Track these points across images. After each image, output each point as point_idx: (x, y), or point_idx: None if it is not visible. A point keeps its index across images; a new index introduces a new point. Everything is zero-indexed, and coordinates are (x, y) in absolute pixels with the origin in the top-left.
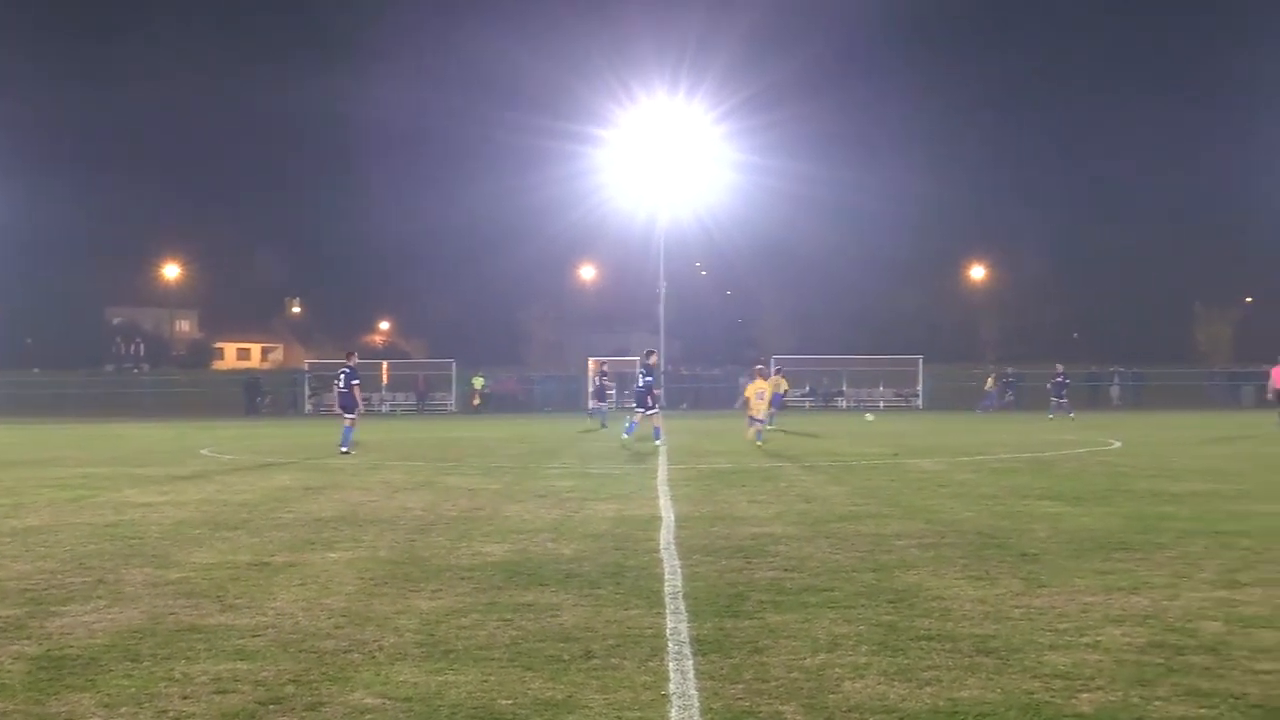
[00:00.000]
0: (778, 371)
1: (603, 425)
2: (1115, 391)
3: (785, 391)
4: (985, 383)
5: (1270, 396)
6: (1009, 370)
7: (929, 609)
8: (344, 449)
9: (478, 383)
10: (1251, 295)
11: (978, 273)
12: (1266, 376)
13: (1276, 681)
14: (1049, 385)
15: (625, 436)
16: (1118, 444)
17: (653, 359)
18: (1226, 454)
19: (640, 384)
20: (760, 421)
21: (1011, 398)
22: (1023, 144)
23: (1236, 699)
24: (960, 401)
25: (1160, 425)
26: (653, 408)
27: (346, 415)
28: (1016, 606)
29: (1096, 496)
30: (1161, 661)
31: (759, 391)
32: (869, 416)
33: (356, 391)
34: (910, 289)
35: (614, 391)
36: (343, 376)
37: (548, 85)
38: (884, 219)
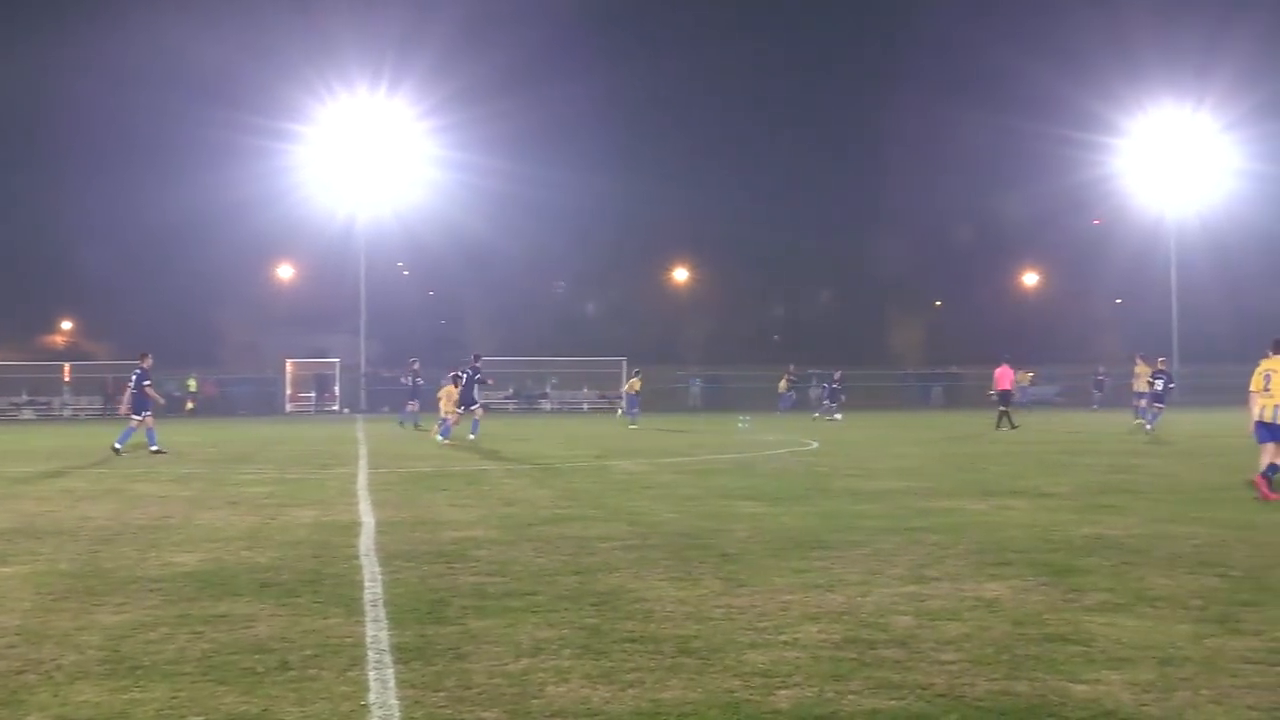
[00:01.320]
0: (636, 374)
1: (416, 426)
2: (814, 394)
3: (638, 391)
4: (780, 384)
5: (992, 395)
6: (791, 369)
7: (632, 611)
8: (153, 448)
9: (190, 384)
10: (941, 299)
11: (681, 274)
12: (956, 378)
13: (960, 671)
14: (823, 387)
15: (471, 436)
16: (816, 444)
17: (479, 361)
18: (917, 453)
19: (465, 383)
20: (447, 423)
21: (794, 397)
22: (721, 146)
23: (924, 689)
24: (662, 404)
25: (856, 426)
26: (474, 404)
27: (134, 417)
28: (718, 606)
29: (795, 496)
30: (855, 656)
31: (450, 394)
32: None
33: (147, 392)
34: (614, 289)
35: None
36: (135, 377)
37: (243, 79)
38: (588, 218)
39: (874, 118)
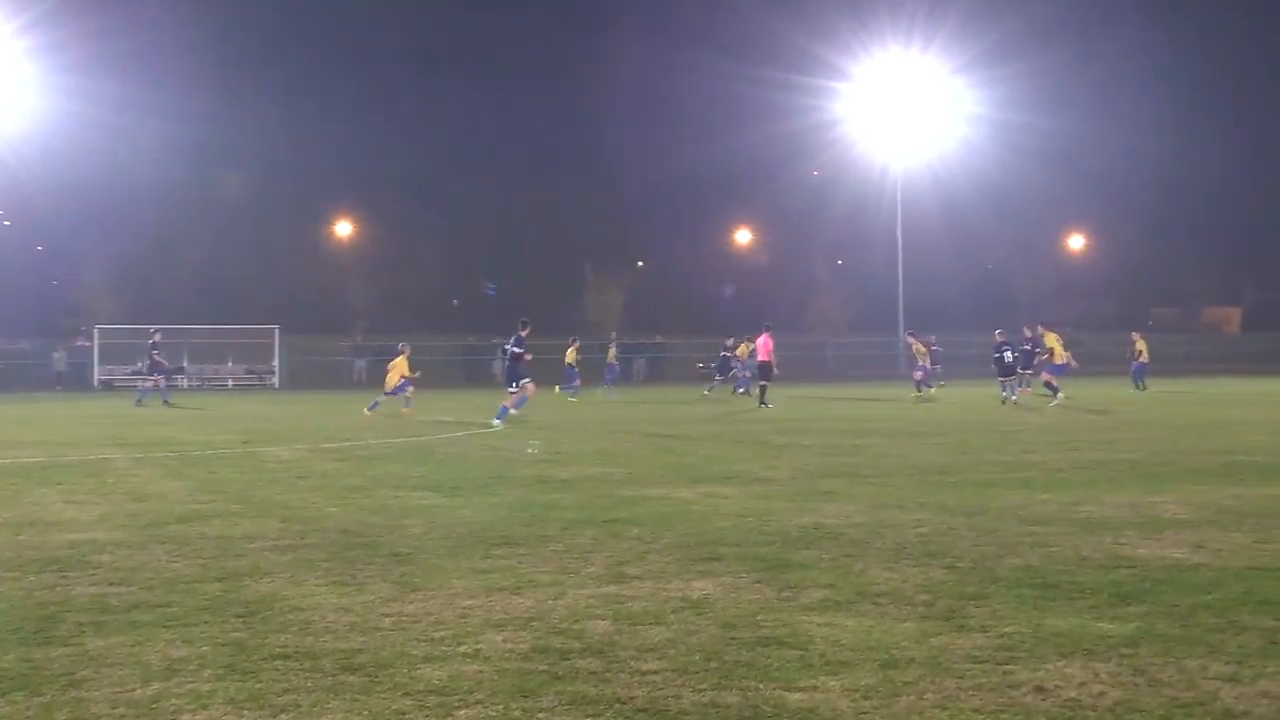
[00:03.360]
0: (573, 343)
1: (155, 401)
2: (498, 366)
3: (572, 362)
4: (608, 354)
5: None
6: (613, 336)
7: (286, 623)
8: None
9: None
10: (643, 259)
11: (343, 229)
12: (661, 348)
13: (663, 681)
14: (722, 359)
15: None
16: (500, 425)
17: (526, 330)
18: (616, 433)
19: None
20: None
21: (619, 369)
22: (396, 83)
23: (623, 704)
24: (324, 379)
25: (546, 403)
26: (524, 379)
27: None
28: (387, 615)
29: (477, 485)
30: (546, 668)
31: (399, 366)
32: None
33: None
34: (263, 246)
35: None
36: None
37: None
38: (229, 157)
39: (570, 59)
